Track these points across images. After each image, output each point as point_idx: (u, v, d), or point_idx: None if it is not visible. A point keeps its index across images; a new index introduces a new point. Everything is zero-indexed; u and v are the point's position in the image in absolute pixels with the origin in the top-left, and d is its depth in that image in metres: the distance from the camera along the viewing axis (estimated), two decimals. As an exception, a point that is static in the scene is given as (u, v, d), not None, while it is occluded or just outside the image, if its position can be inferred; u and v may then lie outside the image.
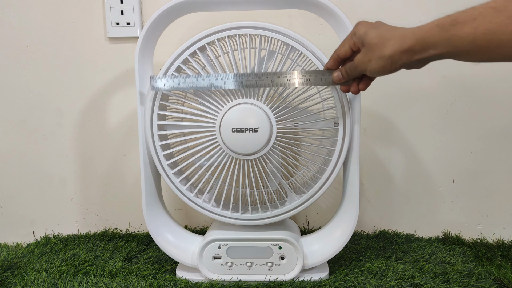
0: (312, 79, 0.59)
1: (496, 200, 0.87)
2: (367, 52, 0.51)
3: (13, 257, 0.78)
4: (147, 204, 0.70)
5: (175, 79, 0.62)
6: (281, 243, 0.67)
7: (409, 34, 0.47)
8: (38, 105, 0.89)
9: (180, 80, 0.61)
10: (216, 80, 0.61)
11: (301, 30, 0.84)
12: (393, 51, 0.48)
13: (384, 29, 0.50)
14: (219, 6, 0.66)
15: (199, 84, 0.61)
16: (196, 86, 0.61)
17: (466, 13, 0.43)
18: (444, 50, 0.45)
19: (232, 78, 0.60)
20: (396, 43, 0.48)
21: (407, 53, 0.48)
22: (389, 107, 0.86)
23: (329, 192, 0.90)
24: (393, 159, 0.88)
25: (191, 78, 0.61)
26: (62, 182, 0.92)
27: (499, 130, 0.85)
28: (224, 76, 0.61)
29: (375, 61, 0.50)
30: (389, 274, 0.68)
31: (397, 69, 0.50)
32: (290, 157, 0.65)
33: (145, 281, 0.66)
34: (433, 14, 0.48)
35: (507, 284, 0.66)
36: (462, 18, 0.43)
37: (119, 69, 0.88)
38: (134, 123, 0.89)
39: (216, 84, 0.61)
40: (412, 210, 0.89)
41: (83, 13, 0.86)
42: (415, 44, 0.47)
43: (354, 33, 0.54)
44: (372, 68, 0.51)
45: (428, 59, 0.48)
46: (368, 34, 0.51)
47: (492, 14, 0.41)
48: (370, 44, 0.50)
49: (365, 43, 0.51)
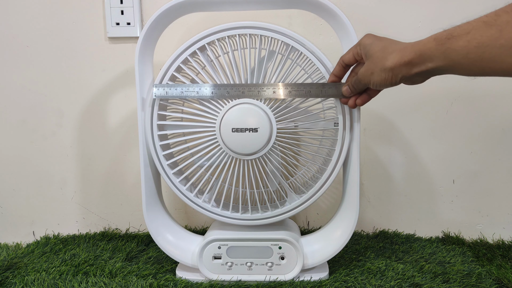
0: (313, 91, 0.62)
1: (496, 200, 0.87)
2: (370, 64, 0.53)
3: (13, 257, 0.78)
4: (147, 204, 0.70)
5: (177, 88, 0.63)
6: (281, 243, 0.67)
7: (409, 47, 0.49)
8: (38, 105, 0.89)
9: (183, 89, 0.63)
10: (219, 90, 0.62)
11: (301, 30, 0.84)
12: (393, 64, 0.50)
13: (388, 43, 0.52)
14: (219, 6, 0.66)
15: (202, 93, 0.63)
16: (199, 95, 0.63)
17: (461, 27, 0.44)
18: (440, 63, 0.46)
19: (235, 88, 0.62)
20: (397, 56, 0.50)
21: (406, 66, 0.49)
22: (389, 107, 0.86)
23: (329, 192, 0.90)
24: (393, 159, 0.88)
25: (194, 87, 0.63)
26: (62, 182, 0.92)
27: (499, 130, 0.85)
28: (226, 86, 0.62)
29: (377, 73, 0.52)
30: (389, 274, 0.68)
31: (397, 83, 0.52)
32: (290, 157, 0.65)
33: (145, 281, 0.66)
34: (432, 14, 0.48)
35: (507, 284, 0.66)
36: (457, 32, 0.44)
37: (119, 69, 0.88)
38: (134, 123, 0.89)
39: (219, 93, 0.62)
40: (412, 210, 0.89)
41: (83, 13, 0.86)
42: (414, 57, 0.48)
43: (360, 43, 0.56)
44: (375, 81, 0.53)
45: (427, 72, 0.49)
46: (372, 46, 0.53)
47: (484, 28, 0.42)
48: (372, 57, 0.53)
49: (368, 55, 0.54)
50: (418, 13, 0.82)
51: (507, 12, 0.41)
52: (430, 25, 0.81)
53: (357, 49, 0.56)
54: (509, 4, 0.42)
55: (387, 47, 0.51)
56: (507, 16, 0.41)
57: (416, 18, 0.82)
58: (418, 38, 0.49)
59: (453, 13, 0.80)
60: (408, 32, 0.82)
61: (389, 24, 0.83)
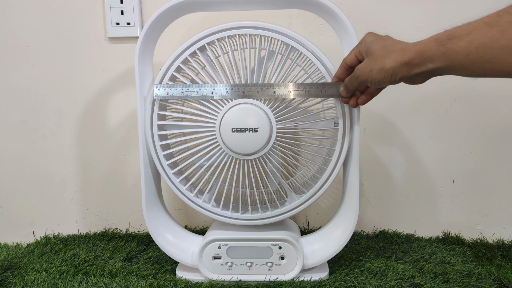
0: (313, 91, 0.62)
1: (496, 200, 0.87)
2: (370, 61, 0.53)
3: (13, 257, 0.78)
4: (147, 204, 0.70)
5: (178, 88, 0.63)
6: (281, 243, 0.67)
7: (410, 47, 0.49)
8: (38, 105, 0.89)
9: (183, 89, 0.63)
10: (219, 89, 0.62)
11: (301, 30, 0.84)
12: (394, 63, 0.49)
13: (389, 42, 0.52)
14: (219, 6, 0.66)
15: (202, 93, 0.63)
16: (199, 95, 0.63)
17: (462, 27, 0.44)
18: (441, 64, 0.46)
19: (235, 88, 0.62)
20: (398, 56, 0.49)
21: (406, 66, 0.49)
22: (389, 107, 0.86)
23: (329, 192, 0.90)
24: (393, 159, 0.88)
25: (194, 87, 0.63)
26: (62, 182, 0.92)
27: (499, 130, 0.85)
28: (226, 86, 0.62)
29: (376, 71, 0.51)
30: (389, 274, 0.68)
31: (396, 82, 0.51)
32: (290, 157, 0.65)
33: (145, 281, 0.66)
34: (433, 14, 0.48)
35: (507, 284, 0.66)
36: (458, 33, 0.44)
37: (119, 69, 0.88)
38: (134, 123, 0.89)
39: (219, 93, 0.62)
40: (412, 210, 0.89)
41: (83, 13, 0.86)
42: (415, 57, 0.48)
43: (361, 42, 0.55)
44: (373, 78, 0.52)
45: (427, 73, 0.48)
46: (374, 44, 0.53)
47: (485, 28, 0.42)
48: (373, 55, 0.52)
49: (369, 53, 0.53)
50: (418, 13, 0.82)
51: (509, 12, 0.41)
52: (430, 25, 0.81)
53: (359, 48, 0.56)
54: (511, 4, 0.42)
55: (388, 46, 0.51)
56: (509, 17, 0.41)
57: (416, 18, 0.82)
58: (418, 38, 0.49)
59: (453, 13, 0.80)
60: (408, 32, 0.82)
61: (389, 24, 0.83)
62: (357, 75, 0.55)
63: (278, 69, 0.63)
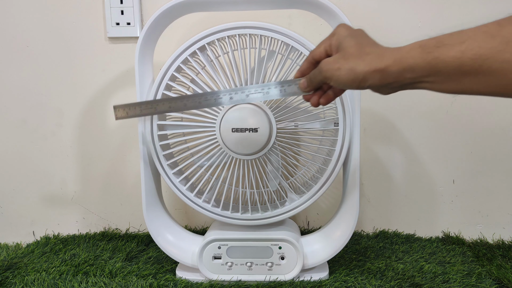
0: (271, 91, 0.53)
1: (496, 200, 0.87)
2: (340, 58, 0.46)
3: (13, 257, 0.78)
4: (147, 204, 0.70)
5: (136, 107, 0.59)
6: (281, 243, 0.67)
7: (388, 53, 0.43)
8: (38, 105, 0.89)
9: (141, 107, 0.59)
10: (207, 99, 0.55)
11: (301, 30, 0.84)
12: (368, 67, 0.43)
13: (365, 42, 0.46)
14: (219, 6, 0.66)
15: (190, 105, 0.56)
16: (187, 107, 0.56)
17: (453, 35, 0.39)
18: (423, 73, 0.40)
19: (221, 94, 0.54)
20: (373, 60, 0.43)
21: (380, 73, 0.42)
22: (389, 107, 0.86)
23: (329, 192, 0.90)
24: (393, 159, 0.88)
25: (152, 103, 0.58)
26: (62, 182, 0.92)
27: (499, 130, 0.85)
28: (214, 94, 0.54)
29: (345, 71, 0.44)
30: (389, 274, 0.68)
31: (363, 88, 0.45)
32: (290, 157, 0.65)
33: (145, 281, 0.66)
34: (433, 15, 0.47)
35: (507, 284, 0.66)
36: (449, 41, 0.39)
37: (119, 69, 0.88)
38: (134, 123, 0.89)
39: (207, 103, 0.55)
40: (412, 210, 0.89)
41: (83, 13, 0.86)
42: (392, 64, 0.42)
43: (334, 34, 0.48)
44: (339, 78, 0.45)
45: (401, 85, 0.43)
46: (348, 39, 0.46)
47: (484, 39, 0.37)
48: (345, 51, 0.45)
49: (341, 48, 0.46)
50: (419, 13, 0.82)
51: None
52: (430, 25, 0.81)
53: (330, 41, 0.48)
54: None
55: (363, 46, 0.45)
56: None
57: (417, 18, 0.82)
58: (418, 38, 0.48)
59: (453, 13, 0.80)
60: (409, 32, 0.82)
61: (389, 24, 0.83)
62: (322, 69, 0.47)
63: (278, 69, 0.63)
